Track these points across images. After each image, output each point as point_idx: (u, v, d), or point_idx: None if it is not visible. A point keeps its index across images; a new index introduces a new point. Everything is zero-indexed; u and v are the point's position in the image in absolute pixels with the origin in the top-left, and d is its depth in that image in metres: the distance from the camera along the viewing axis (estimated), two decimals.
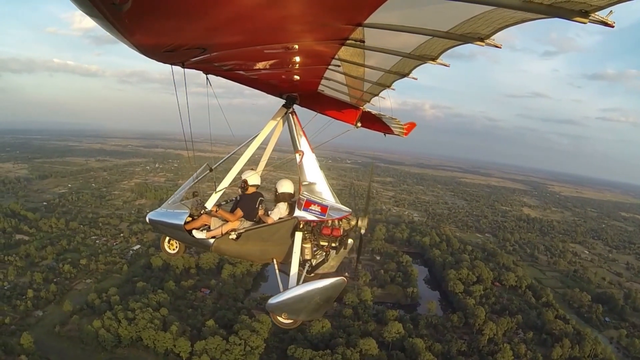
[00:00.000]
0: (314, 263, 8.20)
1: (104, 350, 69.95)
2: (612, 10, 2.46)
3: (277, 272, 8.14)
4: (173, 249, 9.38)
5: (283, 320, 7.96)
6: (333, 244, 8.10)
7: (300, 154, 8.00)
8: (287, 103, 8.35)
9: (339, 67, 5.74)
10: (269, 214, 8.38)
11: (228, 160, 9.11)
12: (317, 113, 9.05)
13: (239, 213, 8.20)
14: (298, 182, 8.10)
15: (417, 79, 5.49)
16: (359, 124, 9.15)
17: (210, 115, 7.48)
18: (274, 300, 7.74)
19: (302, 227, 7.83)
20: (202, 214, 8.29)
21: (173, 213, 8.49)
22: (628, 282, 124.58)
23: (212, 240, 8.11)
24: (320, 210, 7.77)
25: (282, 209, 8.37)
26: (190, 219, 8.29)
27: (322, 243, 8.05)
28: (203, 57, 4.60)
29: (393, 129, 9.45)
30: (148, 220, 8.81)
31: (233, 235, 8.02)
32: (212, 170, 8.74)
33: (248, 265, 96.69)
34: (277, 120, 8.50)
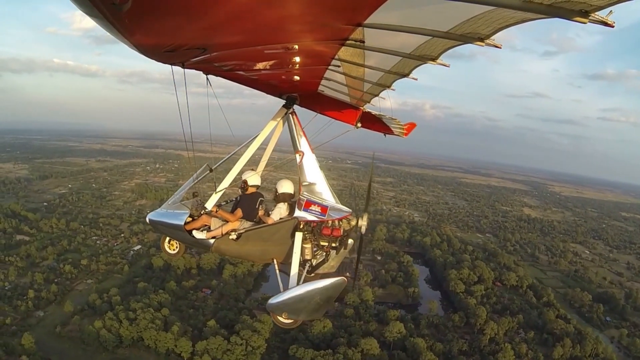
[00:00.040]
0: (314, 263, 8.19)
1: (105, 351, 69.92)
2: (612, 10, 2.46)
3: (277, 272, 8.13)
4: (173, 250, 9.38)
5: (283, 320, 7.95)
6: (333, 244, 8.09)
7: (300, 155, 7.99)
8: (287, 103, 8.34)
9: (339, 67, 5.73)
10: (269, 215, 8.38)
11: (228, 161, 9.10)
12: (317, 113, 9.04)
13: (239, 213, 8.20)
14: (298, 182, 8.09)
15: (417, 79, 5.48)
16: (359, 125, 9.15)
17: (210, 115, 7.48)
18: (274, 300, 7.74)
19: (302, 227, 7.82)
20: (202, 215, 8.27)
21: (173, 213, 8.47)
22: (629, 281, 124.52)
23: (212, 241, 8.10)
24: (321, 211, 7.76)
25: (282, 210, 8.37)
26: (191, 220, 8.27)
27: (322, 243, 8.04)
28: (203, 57, 4.60)
29: (393, 130, 9.45)
30: (148, 221, 8.81)
31: (233, 236, 8.01)
32: (212, 171, 8.73)
33: (249, 266, 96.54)
34: (277, 121, 8.48)
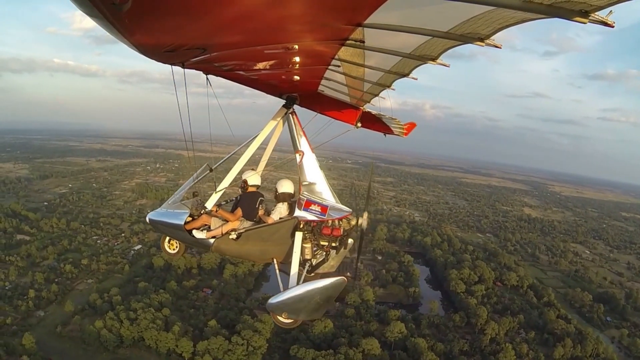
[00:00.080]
0: (314, 263, 8.20)
1: (106, 351, 69.98)
2: (612, 10, 2.46)
3: (277, 272, 8.13)
4: (173, 249, 9.38)
5: (283, 320, 7.96)
6: (333, 244, 8.10)
7: (301, 154, 7.99)
8: (287, 103, 8.33)
9: (339, 67, 5.73)
10: (269, 214, 8.38)
11: (228, 160, 9.11)
12: (317, 113, 9.04)
13: (239, 213, 8.20)
14: (298, 182, 8.09)
15: (417, 79, 5.49)
16: (359, 124, 9.14)
17: (210, 115, 7.48)
18: (274, 300, 7.74)
19: (302, 227, 7.82)
20: (202, 214, 8.28)
21: (173, 213, 8.48)
22: (629, 281, 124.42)
23: (212, 240, 8.10)
24: (321, 210, 7.76)
25: (282, 209, 8.37)
26: (191, 219, 8.28)
27: (322, 243, 8.05)
28: (203, 57, 4.61)
29: (393, 129, 9.44)
30: (148, 220, 8.81)
31: (233, 235, 8.01)
32: (212, 171, 8.73)
33: (250, 265, 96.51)
34: (277, 121, 8.48)
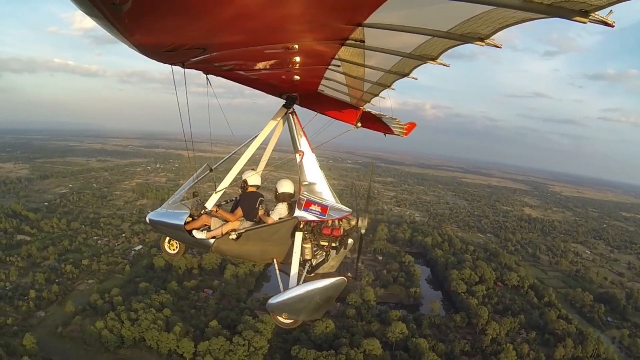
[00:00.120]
0: (314, 263, 8.18)
1: (107, 351, 69.96)
2: (612, 10, 2.46)
3: (277, 272, 8.13)
4: (173, 249, 9.38)
5: (283, 320, 7.96)
6: (333, 244, 8.08)
7: (301, 154, 7.98)
8: (287, 103, 8.32)
9: (339, 67, 5.73)
10: (269, 214, 8.38)
11: (228, 160, 9.10)
12: (317, 113, 9.04)
13: (239, 213, 8.19)
14: (298, 182, 8.09)
15: (417, 79, 5.48)
16: (359, 124, 9.13)
17: (210, 115, 7.49)
18: (274, 300, 7.74)
19: (302, 227, 7.82)
20: (202, 214, 8.28)
21: (173, 213, 8.47)
22: (630, 282, 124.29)
23: (212, 241, 8.10)
24: (321, 210, 7.76)
25: (282, 209, 8.36)
26: (191, 219, 8.27)
27: (322, 243, 8.04)
28: (203, 57, 4.61)
29: (393, 129, 9.44)
30: (148, 221, 8.81)
31: (233, 236, 8.01)
32: (212, 171, 8.73)
33: (250, 266, 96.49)
34: (277, 120, 8.47)
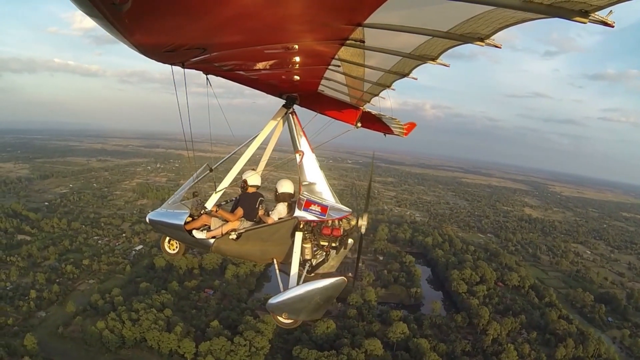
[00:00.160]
0: (314, 263, 8.18)
1: (108, 352, 69.94)
2: (612, 10, 2.46)
3: (277, 272, 8.13)
4: (173, 249, 9.38)
5: (283, 320, 7.96)
6: (333, 244, 8.08)
7: (300, 154, 7.97)
8: (287, 103, 8.32)
9: (339, 67, 5.72)
10: (269, 214, 8.37)
11: (228, 160, 9.10)
12: (317, 113, 9.03)
13: (239, 213, 8.19)
14: (298, 182, 8.08)
15: (417, 79, 5.48)
16: (359, 124, 9.12)
17: (210, 115, 7.49)
18: (274, 300, 7.74)
19: (302, 227, 7.81)
20: (202, 214, 8.28)
21: (173, 213, 8.46)
22: (630, 282, 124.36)
23: (212, 241, 8.10)
24: (321, 210, 7.75)
25: (282, 209, 8.36)
26: (191, 219, 8.27)
27: (322, 243, 8.03)
28: (203, 57, 4.61)
29: (393, 129, 9.44)
30: (148, 221, 8.80)
31: (233, 236, 8.01)
32: (212, 171, 8.73)
33: (251, 266, 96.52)
34: (277, 121, 8.46)
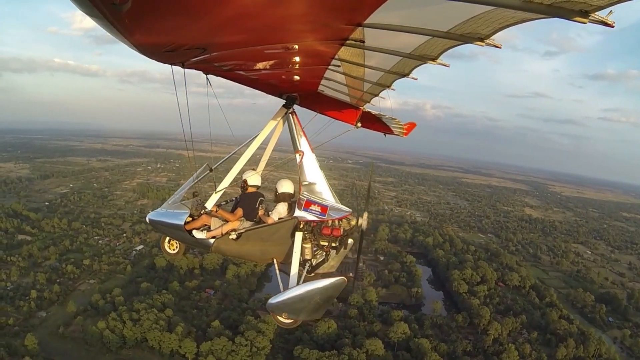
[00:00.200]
0: (314, 263, 8.18)
1: (109, 352, 69.94)
2: (612, 10, 2.45)
3: (277, 272, 8.13)
4: (173, 249, 9.37)
5: (283, 320, 7.96)
6: (333, 244, 8.08)
7: (301, 154, 7.97)
8: (287, 103, 8.31)
9: (339, 67, 5.72)
10: (269, 214, 8.36)
11: (228, 160, 9.09)
12: (317, 113, 9.02)
13: (239, 213, 8.19)
14: (298, 182, 8.08)
15: (417, 79, 5.47)
16: (359, 124, 9.11)
17: (211, 115, 7.49)
18: (274, 300, 7.74)
19: (302, 227, 7.81)
20: (202, 214, 8.28)
21: (173, 213, 8.46)
22: (631, 282, 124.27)
23: (212, 241, 8.10)
24: (321, 210, 7.75)
25: (282, 209, 8.36)
26: (191, 219, 8.27)
27: (322, 243, 8.03)
28: (203, 57, 4.60)
29: (393, 129, 9.43)
30: (148, 221, 8.79)
31: (233, 236, 8.01)
32: (212, 171, 8.73)
33: (252, 266, 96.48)
34: (277, 121, 8.46)
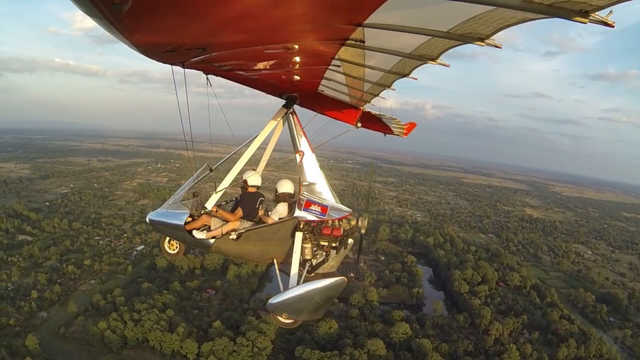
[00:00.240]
0: (314, 263, 8.18)
1: (110, 352, 69.86)
2: (612, 10, 2.45)
3: (277, 272, 8.15)
4: (173, 250, 9.37)
5: (284, 320, 7.96)
6: (333, 244, 8.09)
7: (301, 154, 7.98)
8: (287, 103, 8.32)
9: (339, 67, 5.72)
10: (269, 214, 8.37)
11: (228, 160, 9.10)
12: (317, 113, 9.03)
13: (239, 213, 8.20)
14: (298, 182, 8.08)
15: (417, 79, 5.47)
16: (359, 124, 9.11)
17: (211, 115, 7.50)
18: (275, 300, 7.74)
19: (302, 227, 7.81)
20: (202, 214, 8.28)
21: (173, 213, 8.46)
22: (631, 282, 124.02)
23: (212, 241, 8.10)
24: (321, 211, 7.76)
25: (282, 209, 8.36)
26: (191, 219, 8.27)
27: (322, 243, 8.04)
28: (203, 57, 4.60)
29: (393, 129, 9.42)
30: (148, 221, 8.79)
31: (233, 236, 8.01)
32: (212, 171, 8.73)
33: (253, 266, 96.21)
34: (277, 121, 8.46)
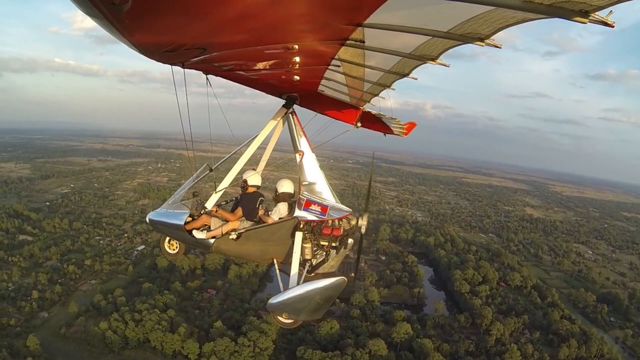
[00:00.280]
0: (314, 263, 8.18)
1: (111, 352, 69.94)
2: (612, 10, 2.45)
3: (277, 272, 8.15)
4: (173, 249, 9.38)
5: (283, 320, 7.96)
6: (333, 244, 8.08)
7: (301, 154, 7.98)
8: (287, 103, 8.33)
9: (339, 67, 5.72)
10: (269, 214, 8.37)
11: (228, 160, 9.10)
12: (317, 113, 9.03)
13: (239, 213, 8.21)
14: (298, 182, 8.08)
15: (417, 79, 5.47)
16: (359, 124, 9.11)
17: (211, 115, 7.51)
18: (275, 300, 7.74)
19: (302, 227, 7.81)
20: (202, 214, 8.29)
21: (173, 213, 8.47)
22: (632, 282, 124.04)
23: (212, 241, 8.11)
24: (321, 210, 7.75)
25: (282, 209, 8.35)
26: (191, 219, 8.29)
27: (322, 243, 8.04)
28: (203, 57, 4.60)
29: (393, 129, 9.43)
30: (148, 221, 8.80)
31: (233, 236, 8.02)
32: (212, 171, 8.74)
33: (254, 266, 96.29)
34: (277, 120, 8.47)
